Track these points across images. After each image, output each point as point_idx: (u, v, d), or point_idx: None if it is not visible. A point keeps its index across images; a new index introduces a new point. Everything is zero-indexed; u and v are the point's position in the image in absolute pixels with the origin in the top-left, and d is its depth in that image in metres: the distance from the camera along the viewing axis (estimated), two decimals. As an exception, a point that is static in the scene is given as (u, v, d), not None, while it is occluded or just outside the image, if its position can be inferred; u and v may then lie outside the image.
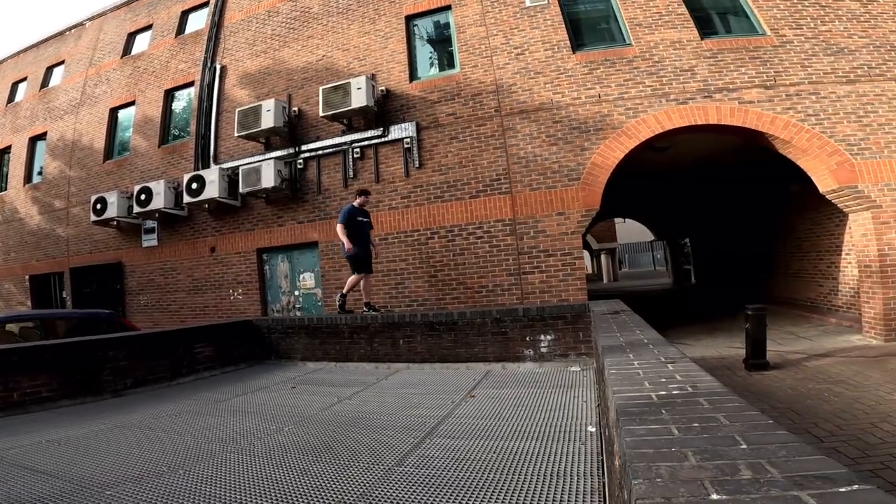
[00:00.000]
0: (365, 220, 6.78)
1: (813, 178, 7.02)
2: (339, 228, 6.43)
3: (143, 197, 9.37)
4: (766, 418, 1.12)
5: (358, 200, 6.80)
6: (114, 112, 11.30)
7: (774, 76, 6.92)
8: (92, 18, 12.55)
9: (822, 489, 0.77)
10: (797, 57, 6.96)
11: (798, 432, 3.58)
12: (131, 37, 11.70)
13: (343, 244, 6.40)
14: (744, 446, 0.98)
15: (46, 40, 13.28)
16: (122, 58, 11.53)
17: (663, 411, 1.27)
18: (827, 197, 6.96)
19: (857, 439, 3.35)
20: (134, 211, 9.61)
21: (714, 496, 0.79)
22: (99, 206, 9.85)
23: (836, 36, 6.99)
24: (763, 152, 7.79)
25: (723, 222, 14.20)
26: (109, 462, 2.74)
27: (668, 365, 1.94)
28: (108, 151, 11.16)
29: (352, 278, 6.65)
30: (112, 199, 9.76)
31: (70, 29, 12.87)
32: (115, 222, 10.04)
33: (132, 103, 10.99)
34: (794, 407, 4.20)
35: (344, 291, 6.72)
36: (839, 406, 4.10)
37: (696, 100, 7.02)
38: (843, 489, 0.77)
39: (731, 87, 6.97)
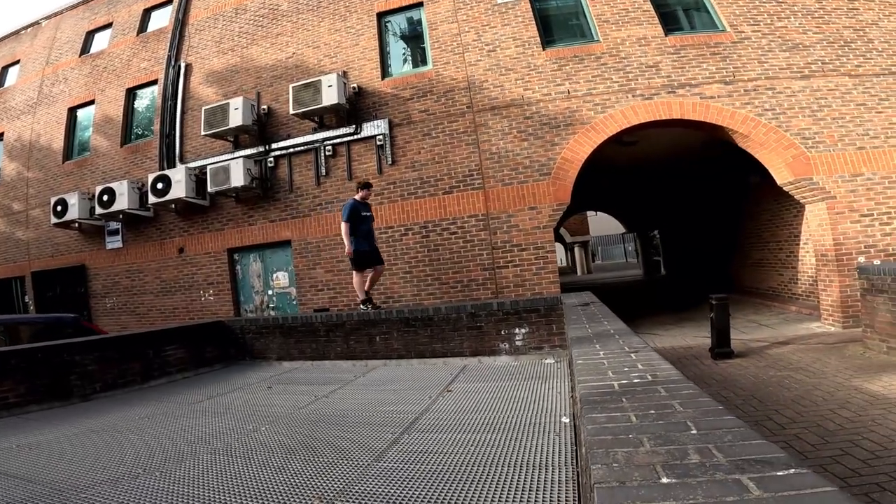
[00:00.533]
0: (368, 213, 6.51)
1: (771, 171, 7.30)
2: (343, 227, 6.17)
3: (105, 198, 9.08)
4: (717, 404, 1.20)
5: (360, 194, 6.49)
6: (72, 111, 10.94)
7: (734, 72, 7.17)
8: (48, 17, 12.09)
9: (761, 472, 0.84)
10: (755, 53, 7.21)
11: (760, 419, 3.72)
12: (90, 35, 11.33)
13: (345, 244, 6.22)
14: (694, 432, 1.05)
15: (1, 40, 12.72)
16: (80, 56, 11.16)
17: (624, 399, 1.34)
18: (784, 189, 7.26)
19: (816, 426, 3.48)
20: (96, 212, 9.32)
21: (664, 479, 0.85)
22: (59, 208, 9.52)
23: (791, 32, 7.26)
24: (725, 146, 8.06)
25: (690, 214, 14.61)
26: (83, 466, 2.70)
27: (632, 354, 2.02)
28: (68, 152, 10.80)
29: (356, 280, 6.43)
30: (73, 200, 9.45)
31: (26, 28, 12.38)
32: (76, 224, 9.74)
33: (91, 102, 10.66)
34: (757, 394, 4.36)
35: (360, 299, 6.48)
36: (799, 393, 4.26)
37: (660, 95, 7.22)
38: (780, 472, 0.83)
39: (693, 82, 7.19)
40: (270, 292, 8.93)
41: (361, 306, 6.40)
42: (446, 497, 1.99)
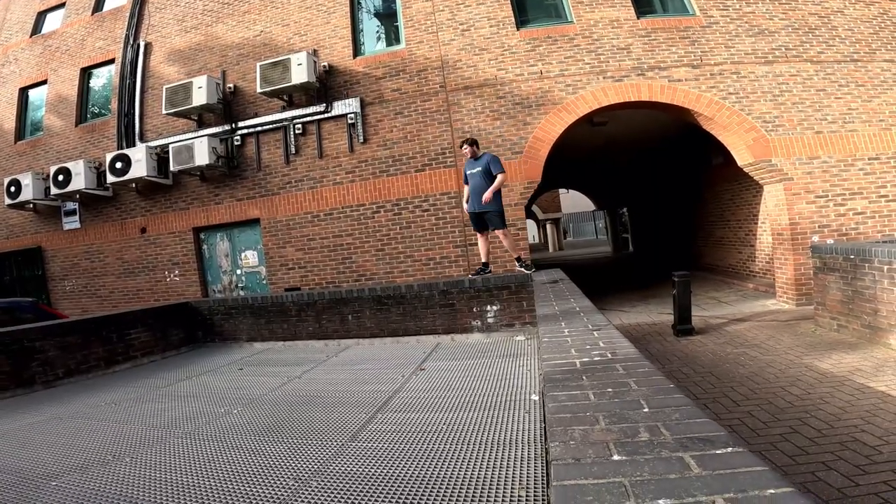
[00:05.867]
0: (477, 170, 5.58)
1: (732, 153, 7.53)
2: (501, 178, 5.42)
3: (60, 178, 8.70)
4: (669, 382, 1.27)
5: (465, 150, 5.76)
6: (24, 91, 10.44)
7: (701, 56, 7.29)
8: None
9: (702, 451, 0.91)
10: (722, 37, 7.35)
11: (717, 396, 3.88)
12: (41, 15, 10.79)
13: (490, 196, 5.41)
14: (646, 410, 1.11)
15: None
16: (31, 37, 10.64)
17: (584, 378, 1.41)
18: (744, 170, 7.50)
19: (768, 403, 3.64)
20: (52, 192, 8.93)
21: (616, 457, 0.91)
22: (13, 189, 9.11)
23: (758, 17, 7.41)
24: (691, 128, 8.24)
25: (657, 193, 14.92)
26: (50, 453, 2.65)
27: (595, 332, 2.09)
28: (20, 132, 10.32)
29: (502, 237, 5.69)
30: (26, 180, 9.04)
31: None
32: (31, 205, 9.37)
33: (44, 82, 10.17)
34: (714, 371, 4.54)
35: (484, 260, 5.83)
36: (753, 370, 4.45)
37: (630, 77, 7.30)
38: (719, 451, 0.90)
39: (662, 65, 7.29)
40: (239, 272, 8.78)
41: (485, 272, 5.71)
42: (420, 475, 2.03)
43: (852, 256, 5.06)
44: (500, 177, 5.41)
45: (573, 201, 30.16)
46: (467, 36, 7.69)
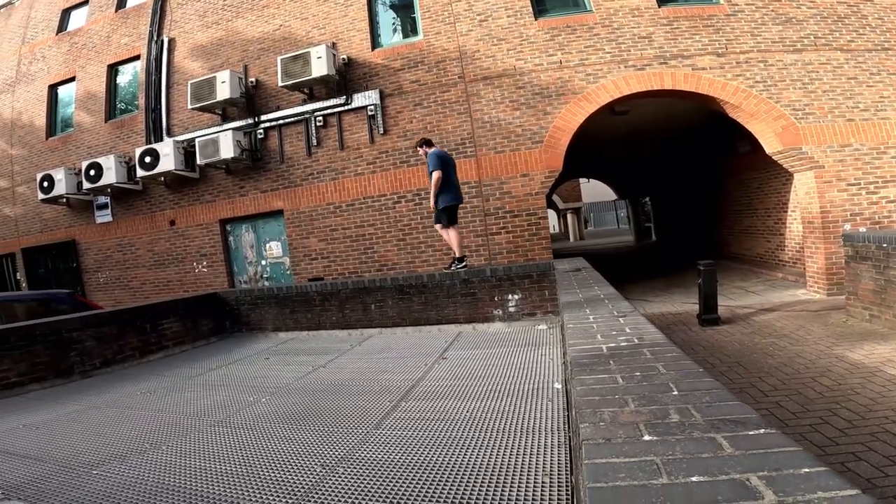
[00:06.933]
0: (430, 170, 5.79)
1: (760, 140, 7.36)
2: (435, 176, 5.53)
3: (92, 172, 8.96)
4: (697, 367, 1.27)
5: (420, 151, 6.11)
6: (53, 89, 10.68)
7: (726, 44, 7.16)
8: None
9: (734, 432, 0.91)
10: (748, 26, 7.19)
11: (744, 387, 3.82)
12: (66, 13, 10.95)
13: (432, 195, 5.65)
14: (675, 393, 1.12)
15: None
16: (57, 35, 10.82)
17: (611, 362, 1.41)
18: (773, 158, 7.32)
19: (797, 394, 3.58)
20: (84, 187, 9.21)
21: (647, 437, 0.92)
22: (46, 184, 9.41)
23: (785, 6, 7.23)
24: (715, 115, 8.07)
25: (680, 181, 14.64)
26: (90, 443, 2.72)
27: (620, 318, 2.09)
28: (51, 128, 10.60)
29: (452, 234, 5.82)
30: (59, 176, 9.33)
31: None
32: (64, 199, 9.66)
33: (72, 79, 10.40)
34: (742, 361, 4.46)
35: (457, 254, 5.85)
36: (782, 360, 4.36)
37: (652, 66, 7.19)
38: (751, 432, 0.90)
39: (685, 54, 7.17)
40: (264, 262, 8.95)
41: (458, 267, 5.75)
42: (444, 462, 2.06)
43: (885, 245, 4.90)
44: (433, 175, 5.59)
45: (594, 190, 29.76)
46: (485, 26, 7.64)
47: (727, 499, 0.70)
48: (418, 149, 6.16)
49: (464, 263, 5.85)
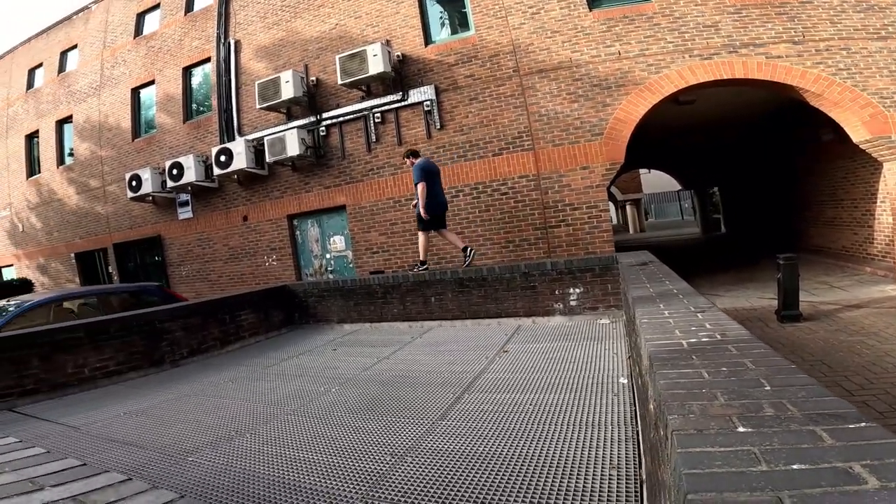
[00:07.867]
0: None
1: (846, 129, 6.87)
2: (420, 188, 6.02)
3: (174, 171, 9.65)
4: (789, 363, 1.22)
5: (407, 163, 6.61)
6: (135, 92, 11.47)
7: (803, 31, 6.75)
8: (96, 1, 12.46)
9: (834, 425, 0.88)
10: (826, 13, 6.77)
11: (829, 385, 3.59)
12: (140, 17, 11.66)
13: (419, 205, 6.11)
14: (767, 388, 1.08)
15: (54, 26, 13.29)
16: (134, 38, 11.56)
17: (693, 357, 1.38)
18: (861, 147, 6.78)
19: (886, 393, 3.38)
20: (167, 185, 9.92)
21: (741, 429, 0.91)
22: (134, 183, 10.21)
23: (865, -6, 6.68)
24: (787, 104, 7.56)
25: (752, 171, 13.80)
26: (183, 430, 2.88)
27: (698, 314, 2.02)
28: (136, 130, 11.41)
29: (422, 239, 6.33)
30: (146, 175, 10.09)
31: (77, 13, 12.86)
32: (150, 197, 10.43)
33: (152, 82, 11.13)
34: (826, 360, 4.22)
35: (422, 258, 6.35)
36: (870, 359, 4.09)
37: (720, 55, 6.87)
38: (852, 426, 0.88)
39: (757, 42, 6.81)
40: (328, 256, 9.32)
41: (418, 269, 6.25)
42: (509, 453, 2.09)
43: None
44: (417, 187, 6.01)
45: (655, 181, 28.51)
46: (537, 19, 7.53)
47: (831, 484, 0.71)
48: (405, 160, 6.60)
49: (425, 267, 6.27)
